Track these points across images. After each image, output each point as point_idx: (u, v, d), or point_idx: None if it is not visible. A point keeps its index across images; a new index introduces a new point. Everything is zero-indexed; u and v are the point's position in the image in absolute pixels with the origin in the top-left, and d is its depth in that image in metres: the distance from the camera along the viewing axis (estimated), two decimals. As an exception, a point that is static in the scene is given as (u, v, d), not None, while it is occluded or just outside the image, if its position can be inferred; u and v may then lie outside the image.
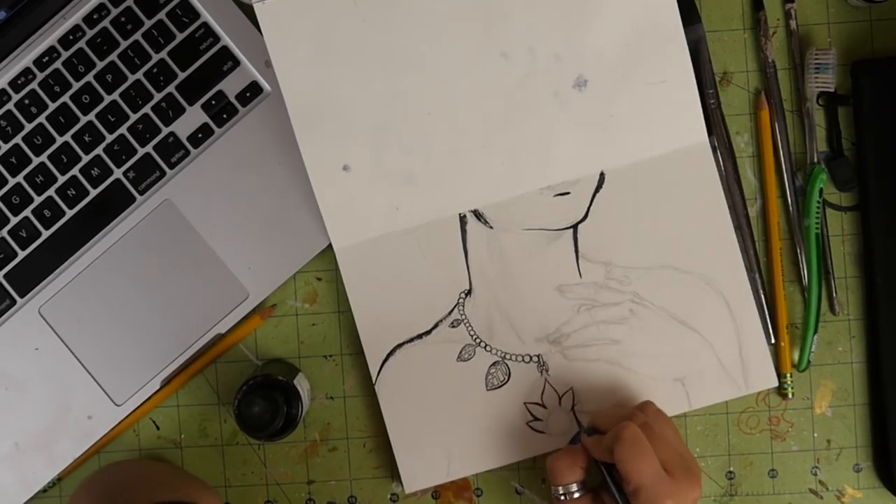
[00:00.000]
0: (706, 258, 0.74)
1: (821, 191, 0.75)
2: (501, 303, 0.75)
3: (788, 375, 0.76)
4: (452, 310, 0.75)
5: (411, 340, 0.75)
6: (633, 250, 0.75)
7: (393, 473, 0.78)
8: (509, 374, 0.75)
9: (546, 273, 0.75)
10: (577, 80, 0.73)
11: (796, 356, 0.76)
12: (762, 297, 0.76)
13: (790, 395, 0.76)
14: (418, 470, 0.75)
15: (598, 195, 0.75)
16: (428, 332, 0.75)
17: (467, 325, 0.75)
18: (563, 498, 0.70)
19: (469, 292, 0.75)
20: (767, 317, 0.76)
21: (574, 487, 0.70)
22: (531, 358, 0.75)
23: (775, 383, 0.75)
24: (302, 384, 0.74)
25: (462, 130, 0.74)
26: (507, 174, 0.74)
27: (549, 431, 0.75)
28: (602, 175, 0.75)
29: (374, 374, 0.75)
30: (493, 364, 0.75)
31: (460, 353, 0.75)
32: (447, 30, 0.73)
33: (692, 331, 0.75)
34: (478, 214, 0.75)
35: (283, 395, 0.71)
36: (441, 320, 0.75)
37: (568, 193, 0.74)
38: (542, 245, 0.75)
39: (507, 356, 0.75)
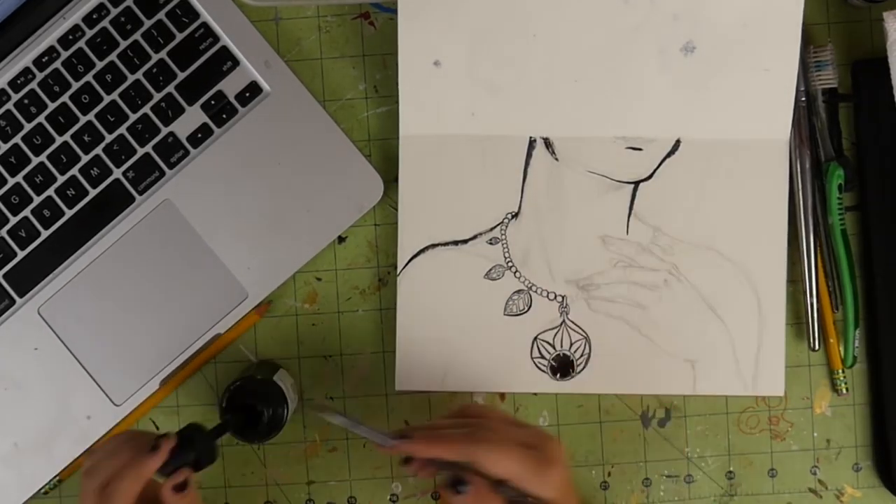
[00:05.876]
0: (752, 252, 0.75)
1: (840, 187, 0.74)
2: (544, 235, 0.76)
3: (840, 372, 0.76)
4: (495, 227, 0.76)
5: (446, 244, 0.76)
6: (684, 223, 0.75)
7: (393, 473, 0.78)
8: (530, 305, 0.76)
9: (595, 220, 0.75)
10: (686, 45, 0.73)
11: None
12: (814, 299, 0.75)
13: (844, 391, 0.76)
14: (414, 372, 0.76)
15: (668, 160, 0.75)
16: (465, 241, 0.76)
17: (504, 246, 0.76)
18: None
19: (516, 215, 0.76)
20: (815, 319, 0.76)
21: None
22: (556, 296, 0.76)
23: (782, 392, 0.75)
24: (284, 380, 0.74)
25: (560, 59, 0.74)
26: (589, 113, 0.75)
27: (550, 373, 0.76)
28: (678, 142, 0.75)
29: (400, 265, 0.76)
30: (518, 291, 0.76)
31: (489, 271, 0.76)
32: None
33: (717, 318, 0.75)
34: (548, 143, 0.75)
35: (265, 397, 0.71)
36: (481, 234, 0.76)
37: (640, 150, 0.75)
38: (599, 191, 0.75)
39: (534, 288, 0.76)
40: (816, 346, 0.76)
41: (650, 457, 0.78)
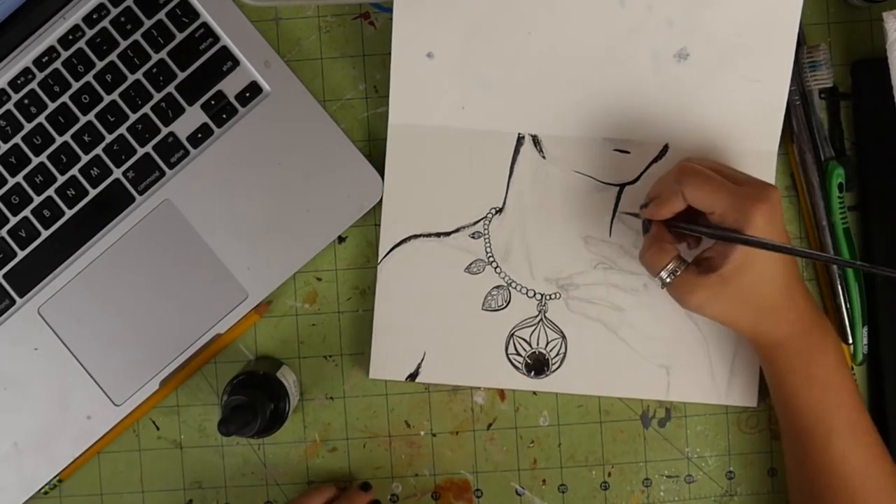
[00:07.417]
0: None
1: (840, 186, 0.74)
2: (526, 232, 0.75)
3: (852, 369, 0.76)
4: (478, 221, 0.76)
5: (428, 236, 0.76)
6: None
7: (393, 473, 0.78)
8: (509, 301, 0.76)
9: (578, 220, 0.75)
10: (680, 52, 0.73)
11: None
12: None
13: None
14: (388, 361, 0.76)
15: (654, 164, 0.75)
16: (447, 234, 0.76)
17: (487, 240, 0.76)
18: (669, 281, 0.68)
19: (500, 211, 0.75)
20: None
21: (672, 265, 0.67)
22: (535, 294, 0.76)
23: (755, 403, 0.75)
24: (287, 376, 0.74)
25: (553, 58, 0.74)
26: (579, 113, 0.75)
27: (524, 370, 0.76)
28: (665, 147, 0.75)
29: (381, 254, 0.76)
30: (497, 287, 0.76)
31: (470, 265, 0.76)
32: None
33: (694, 325, 0.75)
34: (536, 140, 0.75)
35: (267, 391, 0.72)
36: (463, 227, 0.76)
37: (627, 153, 0.75)
38: (585, 192, 0.75)
39: (513, 284, 0.76)
40: None
41: (650, 457, 0.78)
